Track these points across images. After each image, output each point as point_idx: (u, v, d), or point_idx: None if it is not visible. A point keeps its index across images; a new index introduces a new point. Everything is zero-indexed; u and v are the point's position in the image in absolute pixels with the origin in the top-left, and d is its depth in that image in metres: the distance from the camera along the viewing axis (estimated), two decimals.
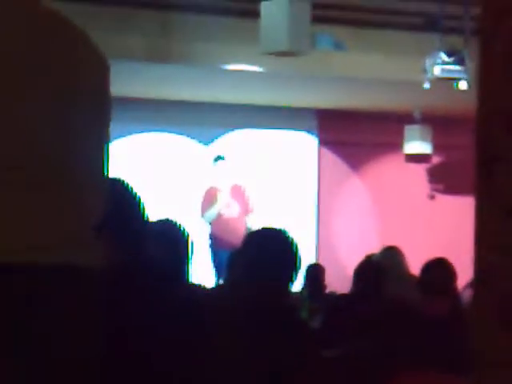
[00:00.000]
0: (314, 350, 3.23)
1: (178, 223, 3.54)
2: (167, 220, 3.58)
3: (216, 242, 8.70)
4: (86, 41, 2.05)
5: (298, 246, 3.12)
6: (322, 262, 8.26)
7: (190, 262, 3.54)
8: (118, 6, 7.80)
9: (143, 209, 2.67)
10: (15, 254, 1.81)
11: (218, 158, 9.15)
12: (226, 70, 8.48)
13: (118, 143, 10.23)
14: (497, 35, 1.45)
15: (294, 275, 3.10)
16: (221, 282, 7.85)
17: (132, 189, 2.67)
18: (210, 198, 8.92)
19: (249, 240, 3.22)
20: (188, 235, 3.54)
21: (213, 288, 5.06)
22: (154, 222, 3.40)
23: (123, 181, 2.68)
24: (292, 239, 3.13)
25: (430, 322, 3.92)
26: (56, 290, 1.84)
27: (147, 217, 2.71)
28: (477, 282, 1.50)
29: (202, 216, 8.89)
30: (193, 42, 8.08)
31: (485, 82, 1.54)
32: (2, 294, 1.81)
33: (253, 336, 2.97)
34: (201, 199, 9.00)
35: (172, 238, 3.47)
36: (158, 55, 8.07)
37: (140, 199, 2.67)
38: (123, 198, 2.62)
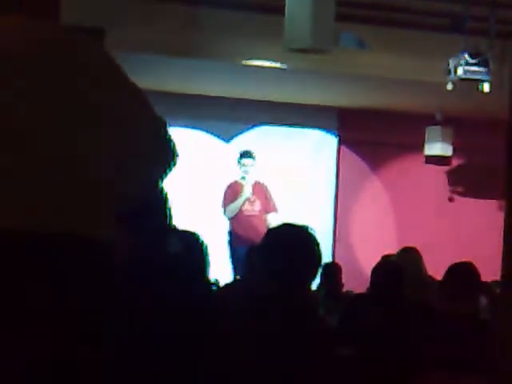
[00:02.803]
0: (331, 347, 3.21)
1: (197, 235, 3.51)
2: (187, 231, 3.56)
3: (235, 239, 8.69)
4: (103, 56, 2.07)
5: (319, 243, 3.09)
6: (338, 261, 8.25)
7: (207, 271, 3.52)
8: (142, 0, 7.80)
9: (168, 204, 2.67)
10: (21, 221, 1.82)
11: (247, 153, 9.09)
12: (249, 66, 8.47)
13: None
14: None
15: (314, 272, 3.08)
16: (238, 277, 7.84)
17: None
18: (232, 193, 8.90)
19: (269, 236, 3.19)
20: (206, 248, 3.51)
21: (230, 284, 5.06)
22: (175, 231, 3.40)
23: None
24: (313, 236, 3.10)
25: (451, 324, 3.90)
26: (61, 258, 1.84)
27: (171, 212, 2.71)
28: (504, 283, 1.49)
29: (224, 210, 8.87)
30: (216, 38, 8.07)
31: None
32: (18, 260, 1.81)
33: (269, 333, 2.96)
34: (222, 194, 8.99)
35: (190, 248, 3.45)
36: (181, 50, 8.06)
37: (166, 194, 2.67)
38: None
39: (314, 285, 5.69)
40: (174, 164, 2.11)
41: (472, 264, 4.44)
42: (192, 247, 3.41)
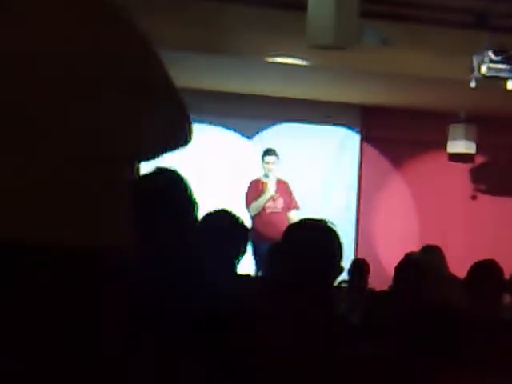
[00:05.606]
0: (353, 345, 3.19)
1: (234, 214, 3.54)
2: (223, 211, 3.58)
3: (258, 235, 8.67)
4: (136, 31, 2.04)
5: (340, 236, 3.06)
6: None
7: (242, 252, 3.53)
8: None
9: (194, 199, 2.67)
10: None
11: (270, 151, 9.08)
12: (271, 63, 8.45)
13: None
14: None
15: (335, 266, 3.04)
16: (260, 274, 7.84)
17: (184, 179, 2.67)
18: (255, 191, 8.89)
19: (290, 232, 3.17)
20: (243, 226, 3.53)
21: (254, 281, 5.05)
22: (211, 212, 3.42)
23: (175, 171, 2.68)
24: (334, 230, 3.07)
25: (475, 322, 3.87)
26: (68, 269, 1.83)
27: (197, 207, 2.71)
28: None
29: (247, 207, 8.86)
30: (238, 34, 8.06)
31: None
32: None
33: (288, 331, 2.94)
34: (245, 191, 8.98)
35: (225, 228, 3.47)
36: (203, 46, 8.06)
37: (191, 189, 2.67)
38: (174, 188, 2.62)
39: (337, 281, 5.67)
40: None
41: (495, 262, 4.42)
42: (225, 229, 3.42)
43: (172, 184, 2.67)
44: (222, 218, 3.57)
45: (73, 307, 1.84)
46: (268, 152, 9.04)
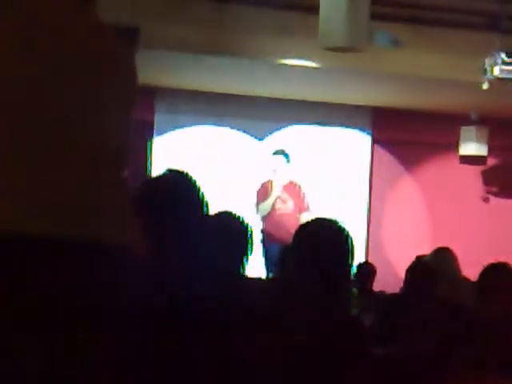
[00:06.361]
0: (365, 348, 3.19)
1: (238, 216, 3.54)
2: (227, 213, 3.58)
3: (268, 237, 8.66)
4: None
5: (352, 237, 3.04)
6: (371, 261, 8.21)
7: (248, 254, 3.53)
8: None
9: (204, 201, 2.66)
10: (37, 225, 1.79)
11: (278, 151, 9.06)
12: (282, 65, 8.45)
13: (172, 135, 10.28)
14: None
15: (348, 268, 3.03)
16: (271, 275, 7.84)
17: (194, 181, 2.67)
18: (264, 192, 8.89)
19: (301, 232, 3.15)
20: (248, 228, 3.53)
21: (264, 282, 5.04)
22: (215, 215, 3.42)
23: (185, 172, 2.68)
24: (345, 230, 3.05)
25: (486, 325, 3.86)
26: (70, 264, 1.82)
27: (208, 208, 2.70)
28: None
29: (256, 209, 8.87)
30: (249, 36, 8.06)
31: None
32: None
33: (299, 332, 2.94)
34: (255, 193, 8.98)
35: (231, 231, 3.47)
36: (214, 48, 8.06)
37: (201, 191, 2.66)
38: (184, 190, 2.62)
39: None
40: None
41: (508, 264, 4.40)
42: (231, 231, 3.42)
43: (182, 185, 2.68)
44: (225, 220, 3.57)
45: (72, 306, 1.84)
46: (276, 152, 9.04)
